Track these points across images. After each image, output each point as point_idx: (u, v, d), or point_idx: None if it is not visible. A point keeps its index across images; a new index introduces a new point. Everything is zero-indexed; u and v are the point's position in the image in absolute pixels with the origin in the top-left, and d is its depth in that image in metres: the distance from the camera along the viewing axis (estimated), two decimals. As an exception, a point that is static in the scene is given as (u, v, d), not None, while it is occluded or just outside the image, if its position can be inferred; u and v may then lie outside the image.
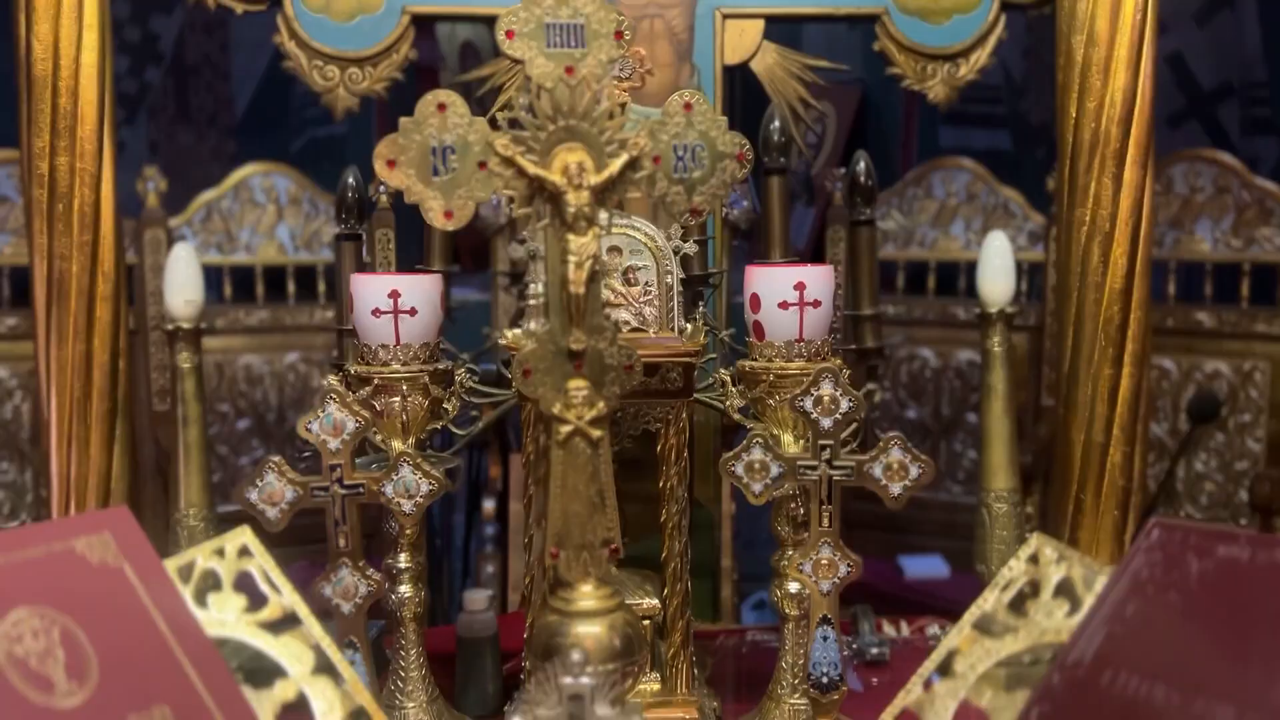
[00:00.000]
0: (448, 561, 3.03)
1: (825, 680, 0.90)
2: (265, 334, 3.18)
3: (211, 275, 2.44)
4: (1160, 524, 0.64)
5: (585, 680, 0.70)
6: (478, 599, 1.22)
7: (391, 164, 0.81)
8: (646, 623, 1.07)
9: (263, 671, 0.70)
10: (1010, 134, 3.53)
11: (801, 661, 1.02)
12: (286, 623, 0.72)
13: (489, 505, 2.61)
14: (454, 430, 1.33)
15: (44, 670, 0.57)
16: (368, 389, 1.02)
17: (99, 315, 1.32)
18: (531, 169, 0.82)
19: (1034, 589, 0.71)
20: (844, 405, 0.88)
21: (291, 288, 3.24)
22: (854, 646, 1.33)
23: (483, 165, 0.82)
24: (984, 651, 0.70)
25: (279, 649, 0.71)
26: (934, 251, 3.32)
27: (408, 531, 1.07)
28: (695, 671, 1.09)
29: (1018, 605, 0.71)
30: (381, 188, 1.67)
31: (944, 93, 1.44)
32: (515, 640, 1.23)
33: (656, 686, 1.07)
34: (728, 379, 1.10)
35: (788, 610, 1.07)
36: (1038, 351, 2.94)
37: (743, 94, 1.82)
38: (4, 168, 2.94)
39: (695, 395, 1.31)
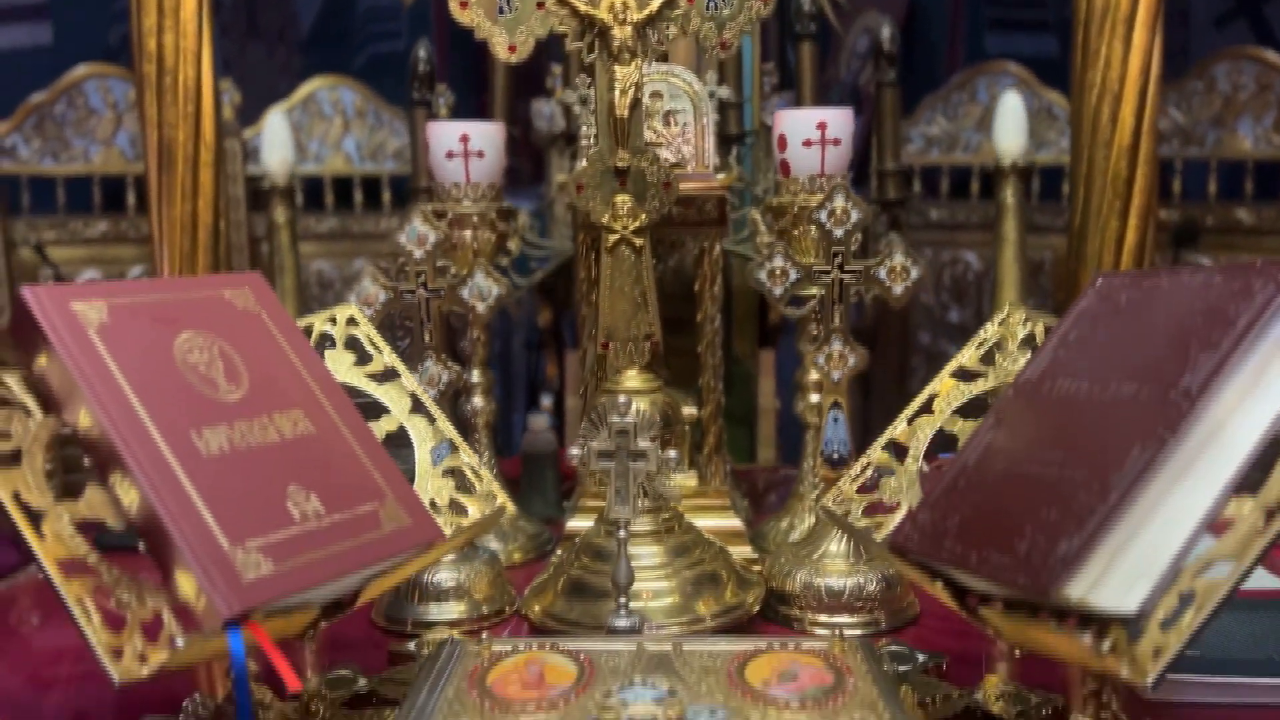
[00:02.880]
0: (507, 454, 3.22)
1: (836, 457, 1.04)
2: (334, 241, 3.38)
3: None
4: (1104, 274, 0.77)
5: (630, 418, 0.86)
6: (540, 420, 1.39)
7: (464, 4, 0.96)
8: (686, 428, 1.22)
9: (370, 409, 0.87)
10: (1056, 38, 3.55)
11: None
12: (388, 375, 0.89)
13: (546, 402, 2.78)
14: (516, 280, 1.49)
15: (210, 374, 0.74)
16: (443, 223, 1.17)
17: (202, 180, 1.49)
18: (582, 7, 0.95)
19: (1003, 344, 0.85)
20: (854, 216, 1.01)
21: (359, 197, 3.42)
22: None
23: (541, 5, 0.96)
24: (959, 393, 0.84)
25: (382, 394, 0.88)
26: (978, 156, 3.38)
27: (480, 350, 1.23)
28: (728, 470, 1.24)
29: (989, 357, 0.85)
30: (441, 100, 1.81)
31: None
32: (570, 468, 1.41)
33: (694, 483, 1.23)
34: (758, 217, 1.23)
35: (809, 419, 1.22)
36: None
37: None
38: (91, 81, 3.14)
39: (729, 248, 1.45)
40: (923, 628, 1.03)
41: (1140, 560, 0.58)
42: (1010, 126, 1.36)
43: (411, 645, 0.98)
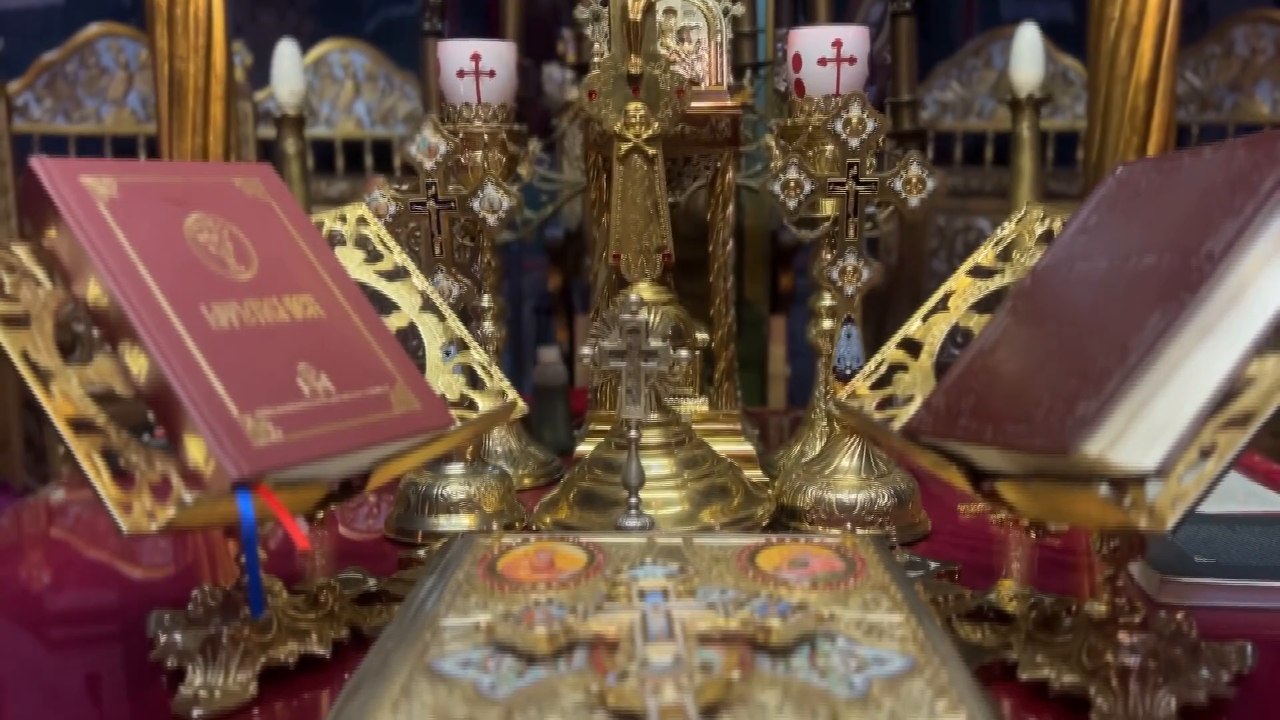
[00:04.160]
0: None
1: (848, 372, 1.03)
2: (345, 204, 3.36)
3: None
4: (1124, 163, 0.76)
5: (642, 316, 0.85)
6: (550, 353, 1.38)
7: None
8: (698, 353, 1.21)
9: (381, 304, 0.86)
10: (1072, 3, 3.52)
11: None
12: (399, 274, 0.88)
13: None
14: (526, 214, 1.48)
15: (220, 254, 0.74)
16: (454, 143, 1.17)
17: (213, 113, 1.49)
18: (596, -91, 0.94)
19: (1020, 242, 0.84)
20: (870, 126, 1.00)
21: (369, 161, 3.42)
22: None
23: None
24: (975, 290, 0.83)
25: (393, 291, 0.87)
26: (992, 122, 3.36)
27: (490, 276, 1.23)
28: (738, 395, 1.23)
29: (1005, 255, 0.84)
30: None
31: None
32: (580, 402, 1.40)
33: (705, 408, 1.22)
34: (772, 143, 1.22)
35: (820, 346, 1.21)
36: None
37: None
38: (103, 40, 3.13)
39: (743, 182, 1.44)
40: (934, 543, 1.02)
41: (1160, 419, 0.57)
42: (1027, 58, 1.34)
43: (421, 553, 0.98)
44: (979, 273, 0.83)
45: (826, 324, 1.19)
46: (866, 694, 0.55)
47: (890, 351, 0.82)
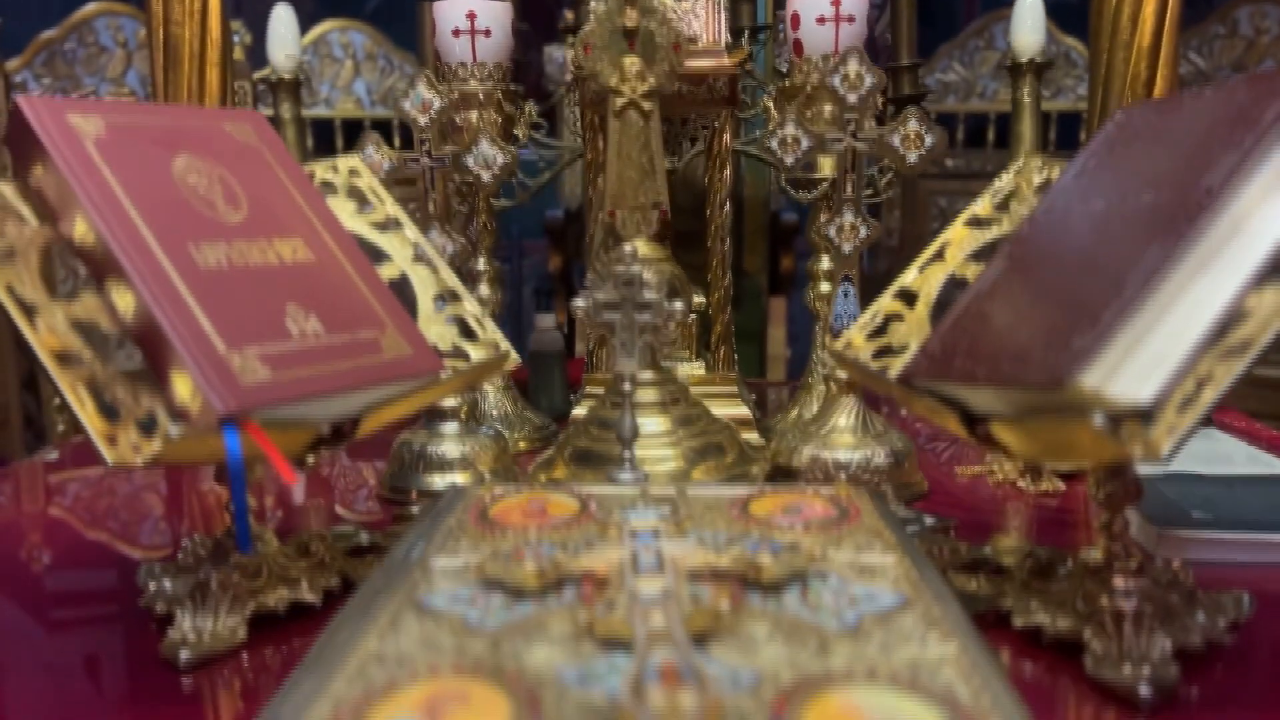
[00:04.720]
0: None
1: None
2: (344, 185, 3.35)
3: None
4: (1124, 109, 0.75)
5: (636, 267, 0.84)
6: (547, 319, 1.37)
7: None
8: (693, 317, 1.21)
9: (372, 254, 0.86)
10: (1075, -16, 3.50)
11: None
12: (391, 225, 0.87)
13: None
14: (524, 180, 1.47)
15: (209, 196, 0.73)
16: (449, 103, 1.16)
17: (209, 79, 1.48)
18: None
19: (1018, 193, 0.83)
20: (868, 81, 0.99)
21: (369, 141, 3.40)
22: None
23: None
24: (972, 240, 0.82)
25: (384, 241, 0.86)
26: (995, 103, 3.34)
27: (486, 239, 1.22)
28: (735, 358, 1.22)
29: (1003, 205, 0.83)
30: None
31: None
32: (576, 371, 1.40)
33: (702, 371, 1.21)
34: (770, 105, 1.21)
35: (818, 309, 1.20)
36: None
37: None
38: (102, 19, 3.11)
39: (740, 147, 1.43)
40: (931, 503, 1.01)
41: (1156, 351, 0.56)
42: (1028, 21, 1.33)
43: (414, 509, 0.97)
44: (976, 223, 0.82)
45: (824, 287, 1.19)
46: (858, 627, 0.54)
47: (886, 302, 0.82)
